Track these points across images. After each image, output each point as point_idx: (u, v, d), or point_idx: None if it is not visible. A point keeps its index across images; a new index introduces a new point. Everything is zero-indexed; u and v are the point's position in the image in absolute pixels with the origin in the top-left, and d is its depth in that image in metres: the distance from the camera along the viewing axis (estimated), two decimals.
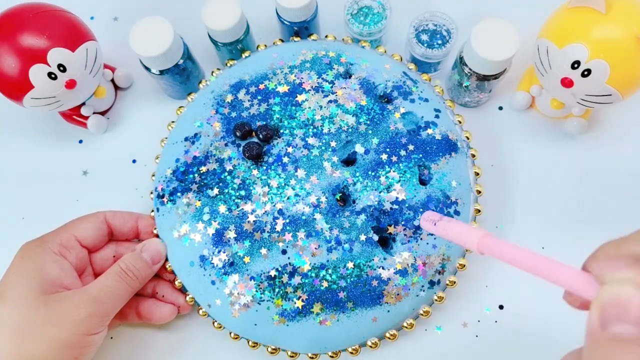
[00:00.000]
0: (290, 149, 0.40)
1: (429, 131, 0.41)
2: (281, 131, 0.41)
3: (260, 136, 0.41)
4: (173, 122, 0.45)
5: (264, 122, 0.41)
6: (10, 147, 0.50)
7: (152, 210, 0.42)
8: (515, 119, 0.48)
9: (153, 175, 0.44)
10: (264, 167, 0.40)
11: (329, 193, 0.39)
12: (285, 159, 0.40)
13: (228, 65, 0.46)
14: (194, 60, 0.48)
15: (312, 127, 0.41)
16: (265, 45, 0.46)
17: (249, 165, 0.41)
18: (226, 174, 0.41)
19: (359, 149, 0.40)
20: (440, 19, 0.46)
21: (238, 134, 0.41)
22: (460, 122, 0.43)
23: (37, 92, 0.41)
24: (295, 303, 0.38)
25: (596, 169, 0.46)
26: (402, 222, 0.38)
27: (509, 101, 0.48)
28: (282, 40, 0.47)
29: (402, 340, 0.41)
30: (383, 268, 0.38)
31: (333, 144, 0.40)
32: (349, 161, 0.41)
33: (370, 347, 0.39)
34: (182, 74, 0.46)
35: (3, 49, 0.39)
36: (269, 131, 0.41)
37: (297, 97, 0.42)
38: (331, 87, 0.42)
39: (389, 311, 0.38)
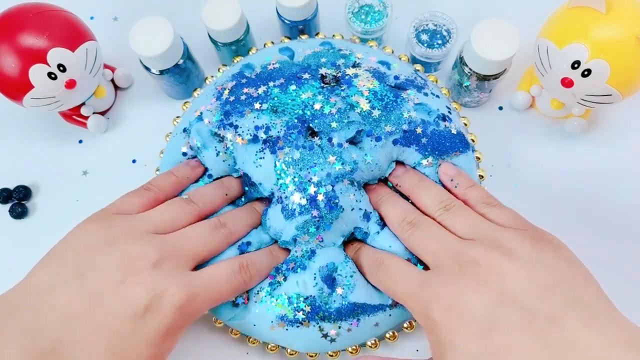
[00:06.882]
0: (290, 132, 0.38)
1: (446, 124, 0.40)
2: (281, 112, 0.39)
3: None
4: (178, 117, 0.45)
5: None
6: (10, 147, 0.50)
7: None
8: (515, 119, 0.48)
9: (157, 170, 0.44)
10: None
11: (329, 184, 0.37)
12: (285, 149, 0.38)
13: (235, 61, 0.45)
14: (194, 60, 0.48)
15: (311, 108, 0.38)
16: (273, 42, 0.46)
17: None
18: None
19: (370, 136, 0.38)
20: (441, 19, 0.46)
21: None
22: (465, 125, 0.43)
23: (37, 92, 0.41)
24: (296, 311, 0.37)
25: (596, 169, 0.46)
26: None
27: (509, 101, 0.48)
28: (290, 38, 0.46)
29: (401, 340, 0.41)
30: None
31: (334, 124, 0.38)
32: (354, 142, 0.39)
33: (370, 347, 0.39)
34: (182, 74, 0.46)
35: (3, 49, 0.39)
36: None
37: (299, 78, 0.40)
38: (341, 74, 0.40)
39: (390, 315, 0.38)
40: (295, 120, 0.38)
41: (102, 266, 0.32)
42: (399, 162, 0.40)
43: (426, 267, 0.35)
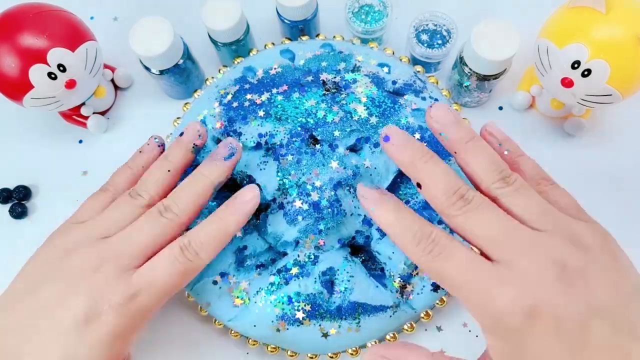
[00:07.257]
0: (294, 140, 0.38)
1: None
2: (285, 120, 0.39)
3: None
4: (179, 118, 0.45)
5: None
6: (10, 147, 0.50)
7: None
8: (515, 119, 0.48)
9: None
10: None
11: (331, 188, 0.37)
12: (288, 156, 0.38)
13: (236, 63, 0.45)
14: (194, 60, 0.48)
15: (314, 116, 0.39)
16: (273, 44, 0.46)
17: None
18: None
19: (369, 142, 0.39)
20: (441, 19, 0.46)
21: None
22: None
23: (37, 92, 0.41)
24: (296, 311, 0.37)
25: (596, 169, 0.46)
26: None
27: (509, 101, 0.48)
28: (290, 39, 0.46)
29: (401, 340, 0.41)
30: (387, 272, 0.38)
31: (337, 133, 0.38)
32: (354, 150, 0.39)
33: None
34: (182, 74, 0.46)
35: (3, 49, 0.39)
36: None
37: (302, 86, 0.40)
38: (341, 79, 0.41)
39: (391, 316, 0.38)
40: (299, 129, 0.38)
41: (52, 279, 0.33)
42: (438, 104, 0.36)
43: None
